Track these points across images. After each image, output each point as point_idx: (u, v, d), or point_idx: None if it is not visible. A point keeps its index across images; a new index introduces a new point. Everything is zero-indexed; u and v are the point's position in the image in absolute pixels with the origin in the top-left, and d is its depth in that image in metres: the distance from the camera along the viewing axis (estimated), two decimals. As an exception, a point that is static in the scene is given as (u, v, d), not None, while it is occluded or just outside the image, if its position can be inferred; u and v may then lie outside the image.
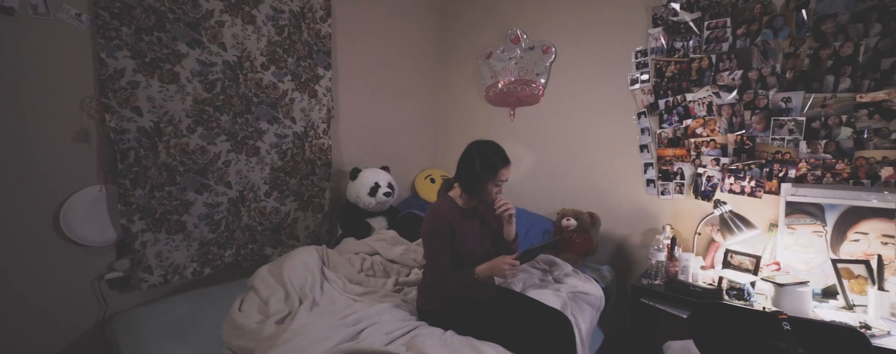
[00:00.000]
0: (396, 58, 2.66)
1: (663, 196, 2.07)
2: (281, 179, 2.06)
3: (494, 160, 1.39)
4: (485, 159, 1.39)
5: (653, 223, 2.11)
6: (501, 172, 1.40)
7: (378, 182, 2.26)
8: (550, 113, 2.45)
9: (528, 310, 1.52)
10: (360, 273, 1.81)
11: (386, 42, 2.58)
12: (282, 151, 2.06)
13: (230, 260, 1.88)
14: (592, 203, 2.30)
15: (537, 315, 1.50)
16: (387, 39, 2.58)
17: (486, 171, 1.38)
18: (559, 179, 2.44)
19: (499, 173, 1.39)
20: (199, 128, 1.74)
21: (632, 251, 2.20)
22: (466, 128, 2.85)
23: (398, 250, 2.01)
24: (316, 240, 2.23)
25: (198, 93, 1.73)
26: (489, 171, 1.38)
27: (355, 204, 2.28)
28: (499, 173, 1.39)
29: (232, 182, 1.87)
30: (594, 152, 2.30)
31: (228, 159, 1.85)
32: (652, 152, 2.09)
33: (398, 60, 2.68)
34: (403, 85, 2.72)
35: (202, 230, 1.77)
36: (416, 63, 2.80)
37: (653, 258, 1.76)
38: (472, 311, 1.46)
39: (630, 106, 2.15)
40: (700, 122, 1.93)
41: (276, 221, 2.05)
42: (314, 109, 2.18)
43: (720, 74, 1.84)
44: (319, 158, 2.22)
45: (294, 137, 2.10)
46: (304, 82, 2.12)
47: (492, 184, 1.40)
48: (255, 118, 1.94)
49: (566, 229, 2.23)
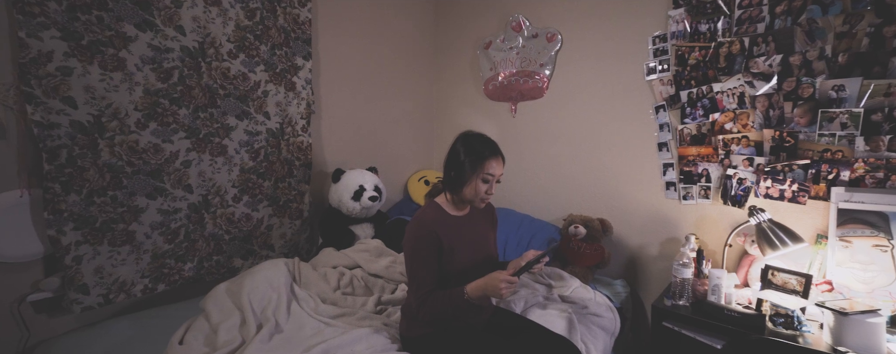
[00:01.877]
0: (386, 47, 2.42)
1: (686, 201, 1.80)
2: (252, 181, 1.82)
3: (481, 149, 1.19)
4: (470, 149, 1.19)
5: (673, 232, 1.84)
6: (489, 163, 1.18)
7: (363, 185, 2.01)
8: (556, 108, 2.19)
9: (530, 338, 1.27)
10: (335, 291, 1.56)
11: (374, 30, 2.34)
12: (253, 150, 1.81)
13: (191, 274, 1.64)
14: (603, 209, 2.04)
15: (541, 344, 1.24)
16: (375, 27, 2.34)
17: (471, 163, 1.17)
18: (566, 181, 2.18)
19: (486, 165, 1.17)
20: (151, 123, 1.50)
21: (648, 263, 1.93)
22: (464, 125, 2.59)
23: (383, 262, 1.76)
24: (294, 249, 1.99)
25: (150, 83, 1.49)
26: (475, 163, 1.17)
27: (338, 210, 2.03)
28: (486, 165, 1.17)
29: (193, 185, 1.63)
30: (605, 150, 2.03)
31: (188, 158, 1.61)
32: (672, 151, 1.83)
33: (388, 50, 2.43)
34: (394, 77, 2.48)
35: (155, 241, 1.53)
36: (408, 53, 2.55)
37: (677, 275, 1.49)
38: (465, 338, 1.21)
39: (647, 99, 1.88)
40: (729, 116, 1.66)
41: (247, 229, 1.81)
42: (292, 104, 1.94)
43: (754, 61, 1.57)
44: (298, 157, 1.97)
45: (268, 134, 1.86)
46: (279, 73, 1.88)
47: (479, 180, 1.18)
48: (220, 113, 1.70)
49: (574, 238, 1.97)
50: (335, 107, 2.18)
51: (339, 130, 2.20)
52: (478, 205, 1.23)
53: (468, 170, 1.17)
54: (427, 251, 1.15)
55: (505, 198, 2.36)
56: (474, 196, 1.19)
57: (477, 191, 1.18)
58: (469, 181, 1.18)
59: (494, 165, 1.19)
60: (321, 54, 2.09)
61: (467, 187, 1.19)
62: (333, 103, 2.17)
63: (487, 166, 1.18)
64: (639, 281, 1.96)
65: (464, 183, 1.19)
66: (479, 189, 1.18)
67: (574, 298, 1.60)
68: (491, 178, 1.19)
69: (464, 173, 1.18)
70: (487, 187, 1.20)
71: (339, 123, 2.20)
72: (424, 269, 1.16)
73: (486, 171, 1.18)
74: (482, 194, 1.19)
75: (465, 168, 1.17)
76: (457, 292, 1.14)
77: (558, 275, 1.73)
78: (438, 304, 1.15)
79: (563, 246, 1.96)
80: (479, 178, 1.18)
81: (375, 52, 2.35)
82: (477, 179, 1.18)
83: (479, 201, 1.21)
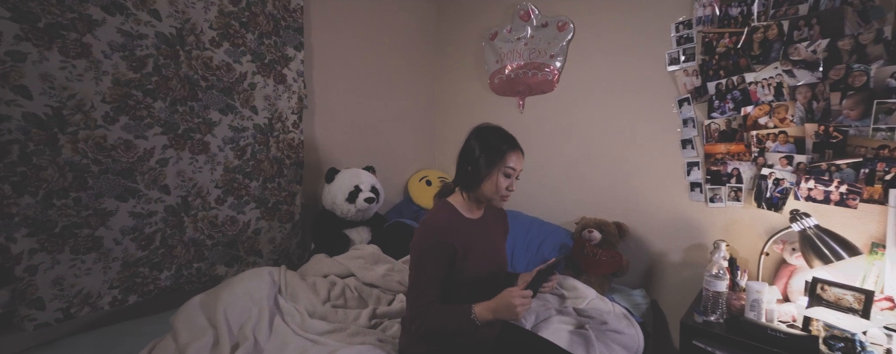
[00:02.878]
0: (385, 38, 2.25)
1: (713, 204, 1.62)
2: (238, 181, 1.66)
3: (499, 142, 1.07)
4: (488, 142, 1.07)
5: (698, 238, 1.66)
6: (510, 156, 1.06)
7: (358, 185, 1.84)
8: (568, 102, 2.01)
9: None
10: (325, 303, 1.40)
11: (372, 19, 2.17)
12: (239, 147, 1.65)
13: (168, 283, 1.48)
14: (620, 212, 1.86)
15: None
16: (373, 16, 2.17)
17: (490, 157, 1.05)
18: (578, 181, 2.00)
19: (506, 158, 1.06)
20: (121, 117, 1.34)
21: (671, 271, 1.75)
22: (468, 121, 2.40)
23: (379, 270, 1.59)
24: (284, 255, 1.83)
25: (120, 72, 1.33)
26: (495, 156, 1.05)
27: (332, 212, 1.87)
28: (506, 158, 1.06)
29: (171, 186, 1.47)
30: (622, 148, 1.85)
31: (165, 156, 1.45)
32: (698, 149, 1.64)
33: (387, 41, 2.26)
34: (393, 71, 2.31)
35: (127, 247, 1.37)
36: (408, 45, 2.38)
37: (709, 287, 1.31)
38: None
39: (669, 91, 1.70)
40: (764, 109, 1.48)
41: (232, 233, 1.65)
42: (282, 98, 1.78)
43: (794, 47, 1.39)
44: (288, 156, 1.81)
45: (256, 130, 1.70)
46: (268, 64, 1.72)
47: (500, 174, 1.06)
48: (202, 107, 1.54)
49: (588, 243, 1.79)
50: (330, 101, 2.01)
51: (334, 126, 2.04)
52: (498, 203, 1.11)
53: (488, 164, 1.05)
54: (436, 259, 1.01)
55: (511, 200, 2.18)
56: (495, 193, 1.07)
57: (498, 187, 1.06)
58: (489, 176, 1.06)
59: (515, 158, 1.08)
60: (314, 45, 1.92)
61: (487, 182, 1.07)
62: (328, 98, 2.00)
63: (508, 159, 1.06)
64: (660, 291, 1.78)
65: (482, 179, 1.06)
66: (501, 184, 1.06)
67: (590, 311, 1.42)
68: (512, 172, 1.07)
69: (482, 167, 1.06)
70: (509, 182, 1.08)
71: (333, 119, 2.03)
72: (429, 277, 1.01)
73: (507, 164, 1.06)
74: (503, 191, 1.07)
75: (483, 162, 1.06)
76: (463, 309, 0.99)
77: (571, 285, 1.56)
78: (439, 319, 1.00)
79: (576, 253, 1.78)
80: (500, 172, 1.06)
81: (373, 43, 2.19)
82: (498, 173, 1.06)
83: (500, 199, 1.09)
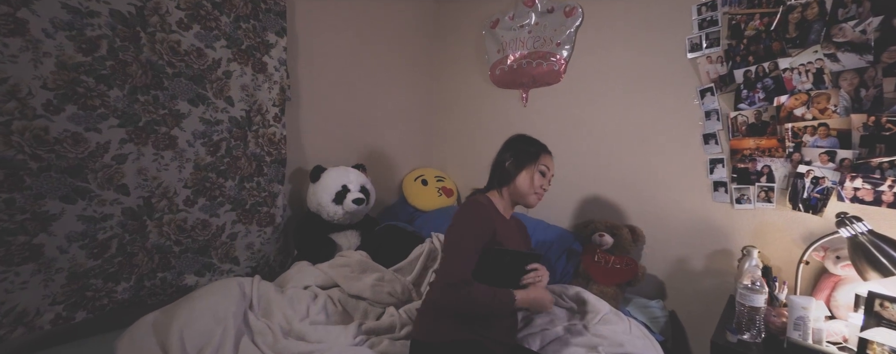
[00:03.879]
0: (378, 25, 2.06)
1: (740, 205, 1.43)
2: (211, 181, 1.47)
3: (536, 146, 1.17)
4: (520, 145, 1.18)
5: (723, 243, 1.48)
6: (545, 156, 1.16)
7: (346, 185, 1.66)
8: (575, 94, 1.83)
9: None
10: (303, 320, 1.21)
11: (364, 4, 1.98)
12: (212, 142, 1.47)
13: (126, 296, 1.29)
14: (633, 214, 1.68)
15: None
16: (365, 1, 1.99)
17: (528, 154, 1.14)
18: (587, 180, 1.81)
19: (542, 158, 1.15)
20: (68, 106, 1.15)
21: (691, 280, 1.56)
22: (467, 116, 2.24)
23: (367, 280, 1.41)
24: (263, 263, 1.64)
25: (66, 55, 1.14)
26: (533, 154, 1.14)
27: (317, 214, 1.68)
28: (542, 158, 1.15)
29: (130, 186, 1.28)
30: (636, 144, 1.67)
31: (123, 152, 1.26)
32: (723, 144, 1.46)
33: (381, 29, 2.08)
34: (388, 61, 2.12)
35: (75, 256, 1.18)
36: (403, 33, 2.19)
37: (744, 301, 1.12)
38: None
39: (689, 81, 1.52)
40: (801, 99, 1.29)
41: (204, 238, 1.46)
42: (262, 88, 1.59)
43: (838, 27, 1.20)
44: (269, 152, 1.62)
45: (231, 123, 1.51)
46: (245, 51, 1.53)
47: (536, 170, 1.13)
48: (168, 96, 1.35)
49: (598, 249, 1.61)
50: (316, 94, 1.82)
51: (321, 121, 1.85)
52: (531, 200, 1.14)
53: (524, 161, 1.13)
54: (478, 232, 1.02)
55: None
56: (530, 188, 1.12)
57: (533, 182, 1.12)
58: (525, 169, 1.13)
59: (549, 159, 1.18)
60: (299, 31, 1.74)
61: (522, 175, 1.13)
62: (314, 89, 1.82)
63: (542, 158, 1.15)
64: (679, 302, 1.59)
65: (518, 173, 1.13)
66: (536, 180, 1.13)
67: (604, 330, 1.24)
68: (547, 170, 1.15)
69: (517, 164, 1.14)
70: (543, 180, 1.15)
71: (320, 113, 1.85)
72: (470, 251, 1.00)
73: (543, 162, 1.15)
74: (537, 186, 1.13)
75: (519, 161, 1.14)
76: (505, 293, 1.01)
77: (581, 298, 1.37)
78: (477, 295, 0.98)
79: (585, 260, 1.60)
80: (535, 169, 1.13)
81: (365, 30, 2.00)
82: (534, 169, 1.13)
83: (533, 196, 1.14)
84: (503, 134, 2.09)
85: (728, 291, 1.44)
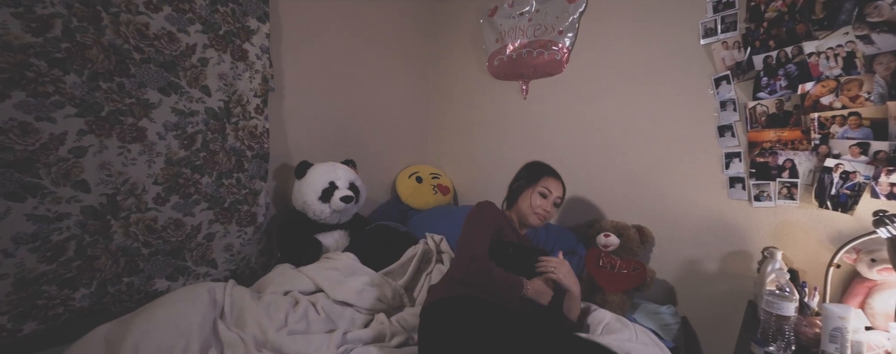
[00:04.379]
0: (370, 11, 1.93)
1: (759, 203, 1.31)
2: (185, 177, 1.34)
3: (540, 168, 1.28)
4: (532, 167, 1.30)
5: (740, 244, 1.35)
6: (547, 179, 1.24)
7: (334, 181, 1.53)
8: (579, 85, 1.70)
9: None
10: (281, 330, 1.07)
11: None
12: (186, 135, 1.33)
13: (86, 304, 1.15)
14: (641, 212, 1.55)
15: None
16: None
17: (529, 176, 1.25)
18: (592, 178, 1.68)
19: (543, 180, 1.23)
20: (14, 92, 1.02)
21: (704, 283, 1.43)
22: (464, 110, 2.11)
23: (354, 284, 1.28)
24: (244, 265, 1.50)
25: (12, 34, 1.01)
26: (534, 176, 1.24)
27: (303, 213, 1.55)
28: (543, 180, 1.23)
29: (91, 182, 1.15)
30: (645, 138, 1.54)
31: (82, 144, 1.13)
32: (740, 137, 1.33)
33: (372, 15, 1.94)
34: (380, 50, 1.99)
35: (23, 259, 1.05)
36: (397, 20, 2.06)
37: (771, 309, 0.99)
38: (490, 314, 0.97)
39: (703, 69, 1.39)
40: (829, 86, 1.16)
41: (177, 239, 1.33)
42: (242, 77, 1.46)
43: (874, 5, 1.08)
44: (250, 146, 1.49)
45: (208, 115, 1.38)
46: (223, 37, 1.40)
47: (535, 191, 1.21)
48: (135, 84, 1.22)
49: (603, 252, 1.48)
50: (303, 84, 1.69)
51: (308, 113, 1.72)
52: (532, 220, 1.21)
53: (526, 183, 1.23)
54: (488, 223, 1.13)
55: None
56: (528, 208, 1.20)
57: (531, 202, 1.20)
58: (525, 191, 1.22)
59: (552, 182, 1.24)
60: (283, 16, 1.61)
61: (523, 197, 1.22)
62: (300, 80, 1.68)
63: (545, 180, 1.23)
64: (691, 307, 1.47)
65: (519, 194, 1.23)
66: (534, 200, 1.20)
67: (608, 340, 1.10)
68: (548, 193, 1.22)
69: (521, 185, 1.24)
70: (543, 201, 1.21)
71: (307, 105, 1.71)
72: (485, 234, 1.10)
73: (543, 184, 1.22)
74: (535, 206, 1.20)
75: (523, 182, 1.24)
76: (516, 279, 1.05)
77: (585, 306, 1.24)
78: (494, 269, 1.04)
79: (588, 264, 1.47)
80: (535, 190, 1.21)
81: (355, 16, 1.87)
82: (534, 190, 1.22)
83: (533, 215, 1.20)
84: (502, 128, 1.98)
85: (745, 295, 1.31)
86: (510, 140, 1.92)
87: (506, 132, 1.93)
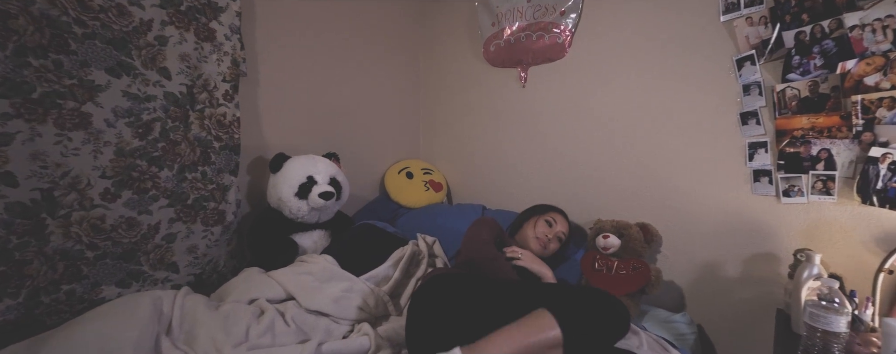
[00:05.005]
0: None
1: (788, 199, 1.13)
2: (140, 169, 1.16)
3: (547, 206, 1.35)
4: (537, 206, 1.37)
5: (766, 245, 1.18)
6: (553, 213, 1.30)
7: (313, 176, 1.35)
8: (583, 71, 1.53)
9: None
10: (239, 346, 0.89)
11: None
12: (141, 122, 1.15)
13: (11, 317, 0.97)
14: (651, 211, 1.38)
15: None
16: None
17: (536, 209, 1.34)
18: (596, 173, 1.51)
19: (551, 213, 1.30)
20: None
21: (723, 289, 1.26)
22: (458, 100, 1.93)
23: (331, 291, 1.10)
24: (211, 268, 1.33)
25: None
26: (541, 209, 1.33)
27: (279, 211, 1.37)
28: (551, 213, 1.30)
29: (19, 174, 0.97)
30: (656, 127, 1.37)
31: (7, 130, 0.95)
32: (766, 124, 1.16)
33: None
34: (366, 35, 1.81)
35: (-70, 266, 0.87)
36: (386, 4, 1.88)
37: (816, 324, 0.82)
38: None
39: (723, 49, 1.22)
40: (875, 63, 0.99)
41: (131, 240, 1.15)
42: (208, 60, 1.28)
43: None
44: (218, 137, 1.31)
45: (168, 101, 1.20)
46: (186, 13, 1.22)
47: (542, 220, 1.28)
48: (77, 63, 1.04)
49: (600, 254, 1.31)
50: (279, 70, 1.51)
51: (286, 102, 1.54)
52: (532, 245, 1.23)
53: (533, 213, 1.31)
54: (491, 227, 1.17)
55: (507, 199, 1.70)
56: (531, 232, 1.25)
57: (536, 229, 1.25)
58: (531, 219, 1.29)
59: (559, 217, 1.30)
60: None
61: (528, 223, 1.28)
62: (276, 65, 1.51)
63: (553, 213, 1.30)
64: (706, 315, 1.29)
65: (526, 221, 1.30)
66: (538, 227, 1.26)
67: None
68: (553, 222, 1.26)
69: (528, 215, 1.31)
70: (547, 229, 1.25)
71: (285, 94, 1.54)
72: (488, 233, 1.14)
73: (551, 215, 1.28)
74: (538, 232, 1.24)
75: (530, 212, 1.32)
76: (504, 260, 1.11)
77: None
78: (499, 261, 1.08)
79: (584, 268, 1.30)
80: (542, 218, 1.27)
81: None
82: (540, 218, 1.28)
83: (534, 240, 1.24)
84: (499, 119, 1.80)
85: (773, 303, 1.14)
86: (507, 132, 1.74)
87: (503, 124, 1.76)
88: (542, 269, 1.13)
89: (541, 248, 1.23)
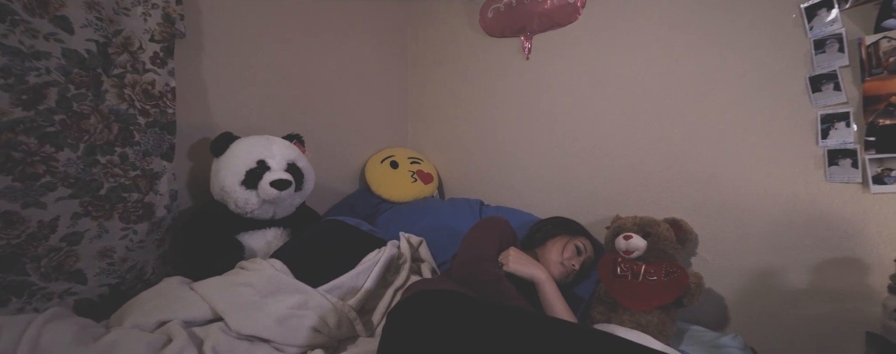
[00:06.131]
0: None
1: (880, 187, 0.83)
2: (25, 148, 0.85)
3: (579, 227, 1.07)
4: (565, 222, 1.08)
5: (846, 247, 0.87)
6: (585, 239, 1.02)
7: (265, 160, 1.05)
8: (599, 36, 1.22)
9: None
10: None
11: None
12: (26, 87, 0.85)
13: None
14: (686, 206, 1.08)
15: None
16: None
17: (567, 228, 1.05)
18: (615, 159, 1.21)
19: (581, 238, 1.01)
20: None
21: (786, 303, 0.95)
22: (451, 78, 1.62)
23: (276, 307, 0.81)
24: (135, 277, 1.02)
25: None
26: (573, 230, 1.05)
27: (223, 204, 1.06)
28: (581, 238, 1.01)
29: None
30: (692, 100, 1.07)
31: None
32: (848, 90, 0.86)
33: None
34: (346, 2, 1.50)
35: None
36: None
37: None
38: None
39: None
40: None
41: (9, 242, 0.84)
42: (131, 13, 0.98)
43: None
44: (144, 111, 1.00)
45: (69, 60, 0.90)
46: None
47: (572, 243, 0.98)
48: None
49: (622, 257, 1.00)
50: (232, 33, 1.21)
51: (241, 74, 1.24)
52: (554, 268, 0.96)
53: (563, 230, 1.04)
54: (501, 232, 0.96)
55: (514, 195, 1.40)
56: (559, 256, 0.97)
57: (565, 252, 0.97)
58: (559, 237, 1.01)
59: (588, 242, 1.03)
60: (196, -66, 1.12)
61: (554, 242, 1.00)
62: (229, 26, 1.20)
63: (584, 239, 1.02)
64: (762, 338, 0.98)
65: (551, 237, 1.02)
66: (567, 251, 0.98)
67: None
68: (583, 250, 0.99)
69: (556, 231, 1.04)
70: (575, 258, 0.97)
71: (240, 63, 1.23)
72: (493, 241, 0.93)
73: (582, 241, 1.01)
74: (566, 258, 0.97)
75: (558, 228, 1.05)
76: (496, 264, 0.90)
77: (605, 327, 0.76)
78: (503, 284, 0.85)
79: (602, 275, 1.00)
80: (573, 241, 0.99)
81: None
82: (571, 241, 0.99)
83: (559, 265, 0.96)
84: (498, 99, 1.49)
85: (861, 324, 0.84)
86: (509, 114, 1.44)
87: (504, 104, 1.45)
88: (532, 271, 0.90)
89: (563, 276, 0.96)
